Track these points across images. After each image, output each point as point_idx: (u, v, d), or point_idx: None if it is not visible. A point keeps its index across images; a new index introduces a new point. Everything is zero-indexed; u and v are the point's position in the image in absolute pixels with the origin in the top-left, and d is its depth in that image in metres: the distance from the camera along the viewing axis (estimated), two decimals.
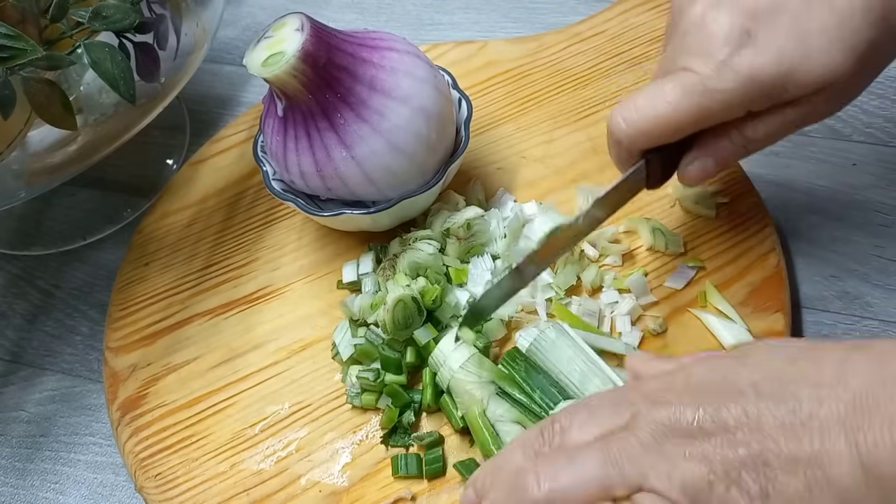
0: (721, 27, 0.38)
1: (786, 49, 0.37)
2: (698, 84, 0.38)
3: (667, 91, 0.39)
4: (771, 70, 0.37)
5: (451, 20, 0.71)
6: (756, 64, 0.37)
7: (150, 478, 0.48)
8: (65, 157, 0.54)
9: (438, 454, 0.45)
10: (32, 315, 0.59)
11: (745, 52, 0.37)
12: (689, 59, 0.39)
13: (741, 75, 0.37)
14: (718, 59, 0.38)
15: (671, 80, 0.39)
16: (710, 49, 0.38)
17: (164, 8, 0.53)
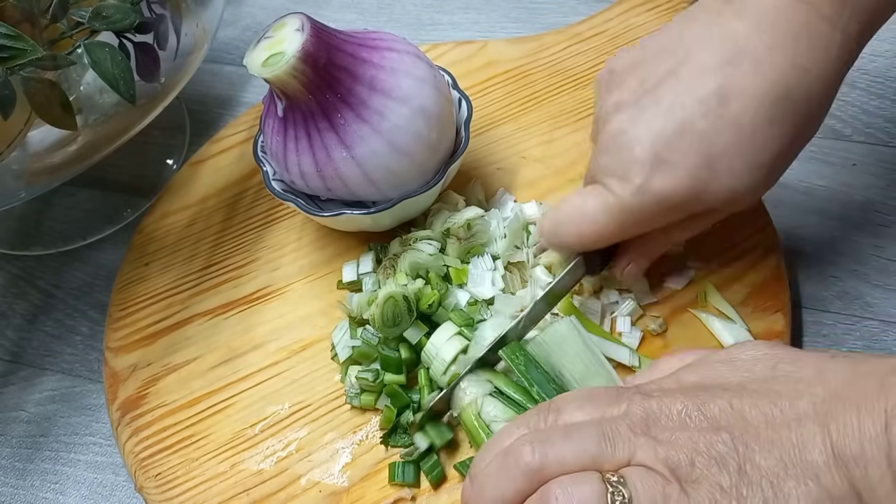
0: (633, 151, 0.39)
1: (695, 170, 0.39)
2: (618, 205, 0.41)
3: (589, 208, 0.42)
4: (682, 192, 0.39)
5: (451, 20, 0.71)
6: (668, 187, 0.39)
7: (150, 478, 0.48)
8: (65, 158, 0.54)
9: (435, 460, 0.45)
10: (32, 315, 0.59)
11: (658, 176, 0.39)
12: (608, 178, 0.41)
13: (656, 198, 0.40)
14: (634, 184, 0.40)
15: (592, 196, 0.42)
16: (626, 171, 0.40)
17: (164, 8, 0.53)
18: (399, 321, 0.47)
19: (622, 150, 0.40)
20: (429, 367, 0.47)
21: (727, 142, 0.38)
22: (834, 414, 0.30)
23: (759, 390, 0.33)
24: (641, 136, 0.39)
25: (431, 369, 0.46)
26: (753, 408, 0.32)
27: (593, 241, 0.43)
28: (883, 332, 0.49)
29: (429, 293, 0.48)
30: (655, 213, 0.40)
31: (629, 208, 0.40)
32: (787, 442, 0.30)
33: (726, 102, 0.38)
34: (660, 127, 0.39)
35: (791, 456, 0.30)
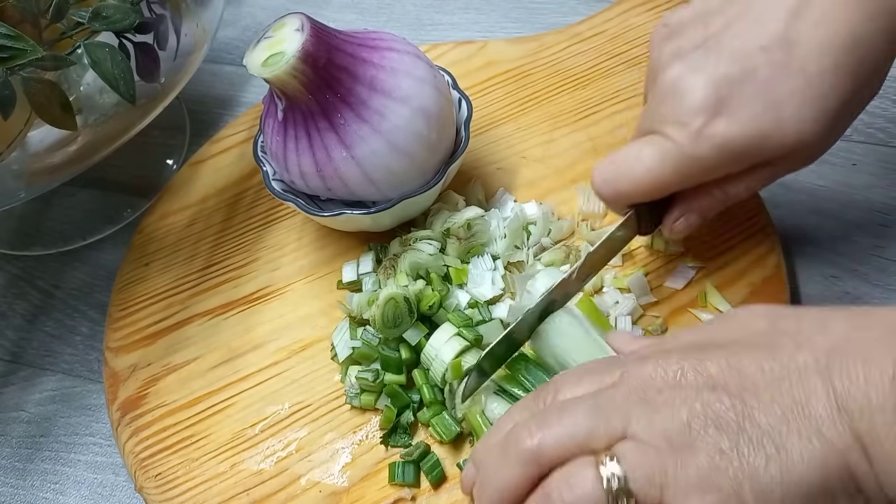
0: (695, 95, 0.39)
1: (758, 116, 0.38)
2: (675, 151, 0.39)
3: (644, 157, 0.40)
4: (744, 138, 0.38)
5: (451, 20, 0.71)
6: (730, 133, 0.38)
7: (150, 478, 0.48)
8: (65, 158, 0.54)
9: (435, 460, 0.45)
10: (32, 315, 0.59)
11: (719, 121, 0.38)
12: (666, 125, 0.40)
13: (716, 144, 0.38)
14: (693, 128, 0.39)
15: (649, 144, 0.41)
16: (685, 117, 0.39)
17: (164, 8, 0.53)
18: (400, 322, 0.47)
19: (683, 97, 0.39)
20: (428, 368, 0.47)
21: (792, 88, 0.37)
22: (837, 365, 0.29)
23: (757, 344, 0.32)
24: (703, 81, 0.38)
25: (431, 371, 0.46)
26: (752, 363, 0.31)
27: (649, 189, 0.41)
28: None
29: (430, 294, 0.48)
30: (715, 161, 0.39)
31: (688, 154, 0.39)
32: (788, 396, 0.30)
33: (792, 49, 0.37)
34: (723, 72, 0.38)
35: (793, 410, 0.29)
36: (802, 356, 0.30)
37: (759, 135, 0.38)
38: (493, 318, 0.48)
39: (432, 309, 0.48)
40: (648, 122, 0.41)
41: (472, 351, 0.46)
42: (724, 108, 0.38)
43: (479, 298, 0.49)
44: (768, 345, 0.32)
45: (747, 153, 0.39)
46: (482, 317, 0.48)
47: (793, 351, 0.31)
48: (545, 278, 0.47)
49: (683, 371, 0.32)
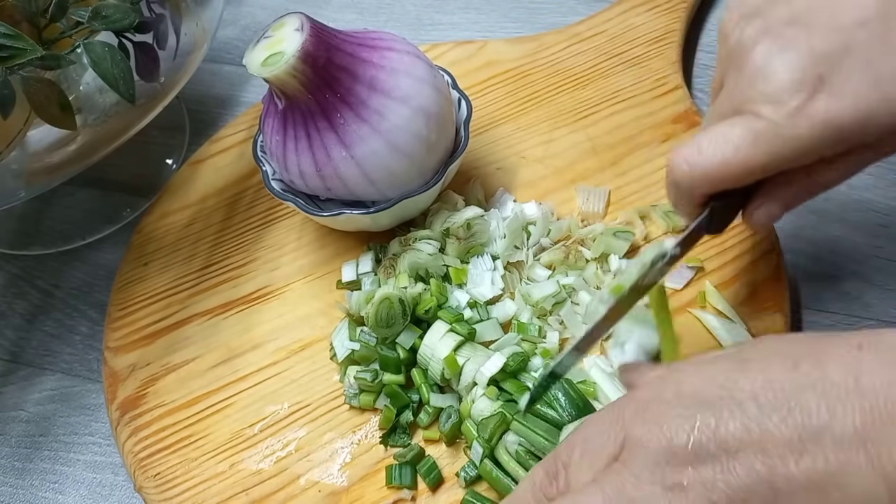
0: (791, 72, 0.35)
1: (862, 94, 0.35)
2: (770, 131, 0.36)
3: (735, 136, 0.37)
4: (848, 116, 0.35)
5: (451, 20, 0.71)
6: (832, 111, 0.35)
7: (150, 477, 0.48)
8: (64, 157, 0.54)
9: (431, 462, 0.45)
10: (32, 315, 0.59)
11: (820, 99, 0.35)
12: (758, 104, 0.36)
13: (817, 123, 0.35)
14: (792, 106, 0.35)
15: (739, 124, 0.37)
16: (781, 95, 0.36)
17: (164, 8, 0.53)
18: (392, 323, 0.47)
19: (777, 74, 0.36)
20: (426, 367, 0.47)
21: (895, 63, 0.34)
22: (881, 437, 0.26)
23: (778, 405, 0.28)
24: (800, 56, 0.35)
25: (430, 370, 0.46)
26: (776, 432, 0.27)
27: (740, 172, 0.37)
28: None
29: (427, 299, 0.48)
30: (814, 142, 0.36)
31: (785, 134, 0.36)
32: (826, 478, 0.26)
33: (891, 23, 0.34)
34: (820, 47, 0.35)
35: (832, 498, 0.26)
36: (839, 424, 0.26)
37: (863, 113, 0.35)
38: (491, 318, 0.48)
39: (428, 313, 0.48)
40: (734, 104, 0.38)
41: (467, 345, 0.46)
42: (825, 85, 0.35)
43: (479, 298, 0.49)
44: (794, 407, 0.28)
45: (850, 133, 0.35)
46: (480, 317, 0.48)
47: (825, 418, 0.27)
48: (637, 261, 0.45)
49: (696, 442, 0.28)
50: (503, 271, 0.51)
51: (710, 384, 0.30)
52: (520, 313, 0.49)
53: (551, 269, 0.51)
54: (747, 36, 0.38)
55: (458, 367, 0.45)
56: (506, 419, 0.43)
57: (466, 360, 0.45)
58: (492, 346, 0.47)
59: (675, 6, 0.64)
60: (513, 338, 0.48)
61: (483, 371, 0.45)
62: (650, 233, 0.52)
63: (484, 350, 0.46)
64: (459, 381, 0.46)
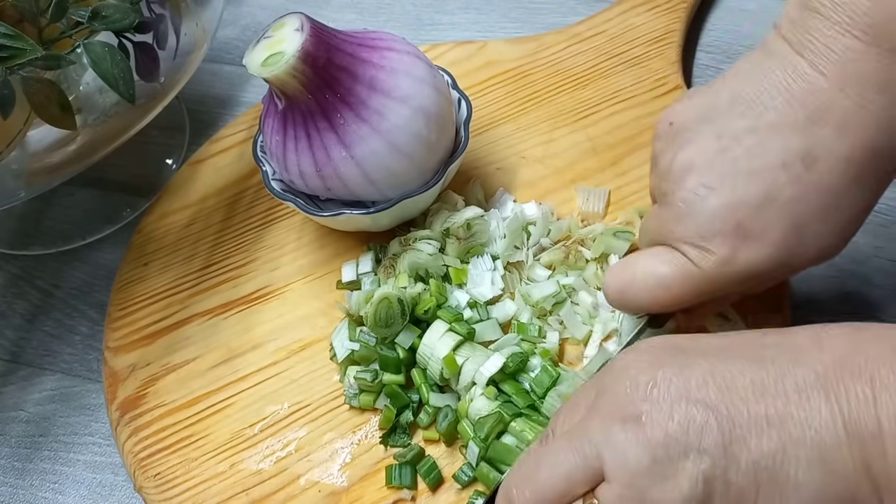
0: (715, 221, 0.37)
1: (782, 241, 0.36)
2: (696, 275, 0.38)
3: (662, 275, 0.39)
4: (768, 264, 0.37)
5: (451, 20, 0.71)
6: (753, 261, 0.37)
7: (150, 478, 0.48)
8: (64, 157, 0.54)
9: (431, 462, 0.45)
10: (32, 315, 0.59)
11: (743, 249, 0.37)
12: (684, 246, 0.38)
13: (740, 270, 0.37)
14: (718, 256, 0.37)
15: (667, 262, 0.39)
16: (706, 243, 0.37)
17: (164, 8, 0.53)
18: (391, 323, 0.47)
19: (701, 219, 0.37)
20: (425, 367, 0.47)
21: (814, 207, 0.36)
22: (842, 384, 0.27)
23: (747, 356, 0.30)
24: (723, 205, 0.37)
25: (429, 369, 0.46)
26: (741, 375, 0.29)
27: (667, 307, 0.40)
28: None
29: (426, 299, 0.48)
30: (735, 284, 0.38)
31: (710, 279, 0.38)
32: (786, 417, 0.28)
33: (812, 166, 0.36)
34: (742, 195, 0.36)
35: (791, 435, 0.27)
36: (801, 372, 0.28)
37: (784, 257, 0.37)
38: (491, 318, 0.48)
39: (427, 314, 0.48)
40: (662, 234, 0.40)
41: (466, 345, 0.46)
42: (748, 234, 0.37)
43: (479, 298, 0.49)
44: (760, 358, 0.30)
45: (769, 274, 0.38)
46: (480, 317, 0.48)
47: (789, 366, 0.29)
48: None
49: (659, 382, 0.30)
50: (503, 271, 0.51)
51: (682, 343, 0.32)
52: (520, 313, 0.49)
53: (551, 269, 0.51)
54: (676, 167, 0.39)
55: (457, 367, 0.45)
56: (503, 419, 0.43)
57: (465, 360, 0.46)
58: (491, 346, 0.47)
59: (675, 6, 0.64)
60: (512, 338, 0.48)
61: (482, 371, 0.45)
62: None
63: (483, 350, 0.46)
64: (458, 381, 0.46)
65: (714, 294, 0.39)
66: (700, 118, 0.39)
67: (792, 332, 0.31)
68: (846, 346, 0.29)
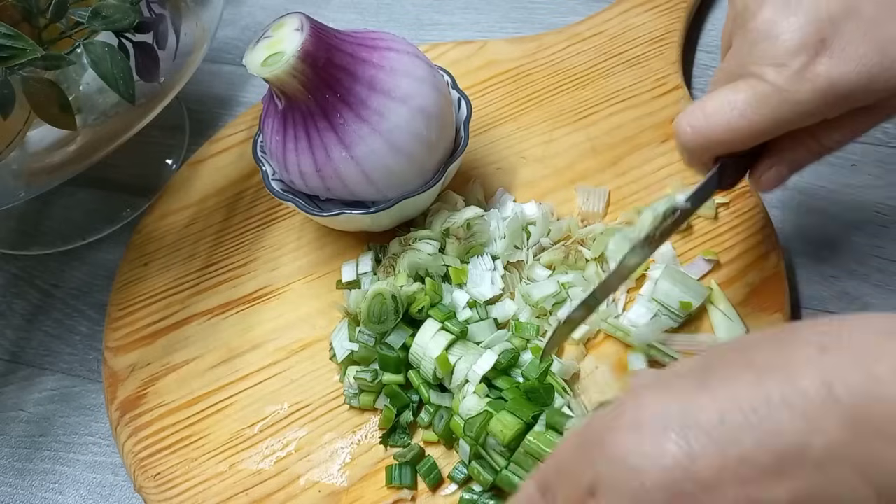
0: (794, 34, 0.36)
1: (864, 56, 0.35)
2: (773, 94, 0.36)
3: (739, 100, 0.37)
4: (849, 79, 0.35)
5: (451, 20, 0.71)
6: (834, 73, 0.35)
7: (150, 478, 0.48)
8: (64, 157, 0.54)
9: (432, 462, 0.45)
10: (32, 315, 0.59)
11: (822, 61, 0.36)
12: (761, 67, 0.37)
13: (818, 85, 0.36)
14: (794, 69, 0.36)
15: (743, 88, 0.37)
16: (784, 57, 0.36)
17: (164, 8, 0.53)
18: (384, 319, 0.47)
19: (780, 37, 0.36)
20: (418, 367, 0.47)
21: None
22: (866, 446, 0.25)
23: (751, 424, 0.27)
24: (803, 19, 0.36)
25: (422, 369, 0.46)
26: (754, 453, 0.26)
27: (744, 137, 0.38)
28: None
29: (421, 298, 0.48)
30: (817, 104, 0.36)
31: (788, 97, 0.36)
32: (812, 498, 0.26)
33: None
34: (824, 10, 0.36)
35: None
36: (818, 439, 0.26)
37: (864, 75, 0.35)
38: (488, 318, 0.48)
39: (422, 312, 0.48)
40: (738, 66, 0.38)
41: (459, 344, 0.46)
42: (827, 48, 0.35)
43: (479, 298, 0.49)
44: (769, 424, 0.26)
45: (852, 95, 0.36)
46: (479, 317, 0.48)
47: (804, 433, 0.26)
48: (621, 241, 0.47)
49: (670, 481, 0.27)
50: (503, 271, 0.51)
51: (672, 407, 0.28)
52: (519, 313, 0.49)
53: (551, 269, 0.51)
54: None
55: (450, 366, 0.45)
56: (492, 418, 0.43)
57: (458, 359, 0.46)
58: (483, 343, 0.47)
59: (675, 6, 0.64)
60: (503, 335, 0.48)
61: (475, 369, 0.45)
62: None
63: (475, 348, 0.46)
64: (452, 380, 0.46)
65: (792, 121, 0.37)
66: None
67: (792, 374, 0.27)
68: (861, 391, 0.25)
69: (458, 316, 0.48)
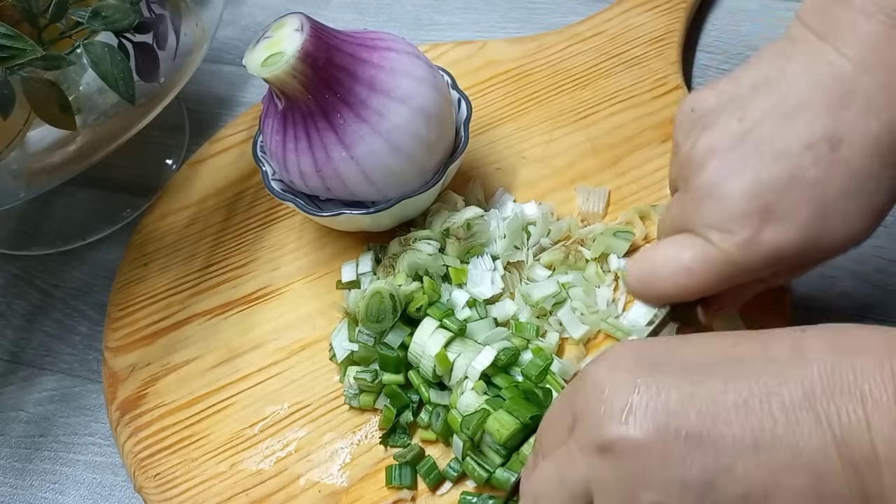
0: (739, 202, 0.36)
1: (807, 222, 0.36)
2: (719, 258, 0.37)
3: (685, 261, 0.38)
4: (794, 245, 0.36)
5: (451, 20, 0.71)
6: (779, 242, 0.36)
7: (150, 478, 0.48)
8: (64, 157, 0.54)
9: (432, 463, 0.45)
10: (32, 315, 0.59)
11: (768, 231, 0.36)
12: (707, 230, 0.37)
13: (765, 253, 0.36)
14: (741, 238, 0.36)
15: (689, 246, 0.38)
16: (730, 225, 0.37)
17: (164, 8, 0.53)
18: (382, 318, 0.47)
19: (724, 201, 0.37)
20: (417, 366, 0.47)
21: (840, 189, 0.35)
22: (832, 404, 0.26)
23: (729, 372, 0.28)
24: (747, 185, 0.36)
25: (421, 367, 0.46)
26: (723, 395, 0.28)
27: (691, 294, 0.39)
28: None
29: (419, 297, 0.48)
30: (761, 267, 0.37)
31: (734, 263, 0.37)
32: (775, 442, 0.27)
33: (838, 147, 0.35)
34: (767, 176, 0.36)
35: (781, 461, 0.26)
36: (787, 389, 0.27)
37: (810, 240, 0.36)
38: (487, 316, 0.48)
39: (419, 312, 0.48)
40: (684, 220, 0.39)
41: (458, 341, 0.46)
42: (772, 215, 0.36)
43: (479, 298, 0.49)
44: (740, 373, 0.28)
45: (796, 258, 0.37)
46: (479, 315, 0.48)
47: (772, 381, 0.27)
48: None
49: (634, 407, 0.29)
50: (503, 271, 0.51)
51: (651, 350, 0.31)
52: (519, 313, 0.49)
53: (551, 269, 0.51)
54: (698, 151, 0.38)
55: (449, 364, 0.45)
56: (489, 415, 0.43)
57: (457, 356, 0.46)
58: (482, 339, 0.47)
59: (675, 6, 0.64)
60: (502, 332, 0.48)
61: (475, 365, 0.45)
62: (650, 233, 0.52)
63: (475, 345, 0.46)
64: (451, 378, 0.46)
65: (739, 280, 0.38)
66: (722, 103, 0.38)
67: (770, 339, 0.30)
68: (831, 357, 0.28)
69: (458, 315, 0.48)
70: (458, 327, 0.46)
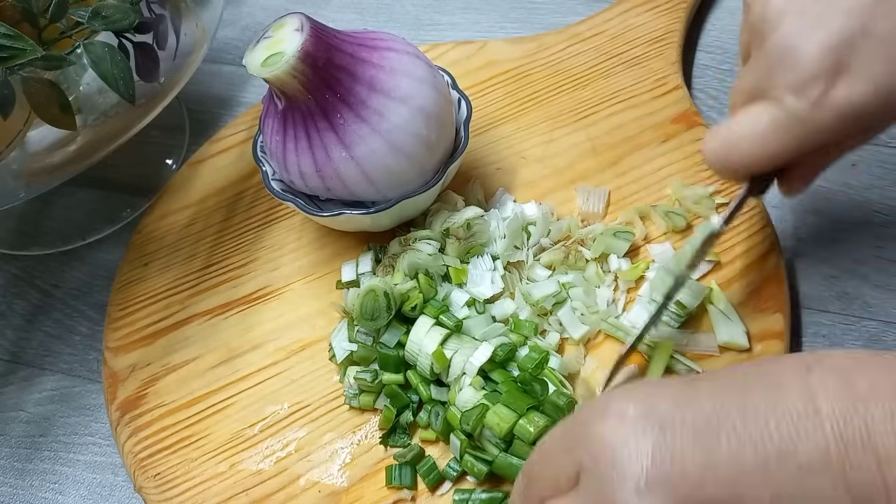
0: (812, 57, 0.36)
1: (881, 76, 0.35)
2: (795, 122, 0.37)
3: (762, 128, 0.38)
4: (869, 101, 0.35)
5: (451, 20, 0.71)
6: (853, 97, 0.35)
7: (150, 478, 0.48)
8: (64, 157, 0.54)
9: (431, 463, 0.45)
10: (32, 315, 0.59)
11: (841, 86, 0.35)
12: (782, 91, 0.37)
13: (839, 111, 0.36)
14: (814, 95, 0.36)
15: (763, 114, 0.38)
16: (804, 82, 0.36)
17: (164, 8, 0.53)
18: (377, 316, 0.47)
19: (798, 60, 0.36)
20: (414, 364, 0.47)
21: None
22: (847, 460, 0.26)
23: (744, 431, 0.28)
24: (819, 41, 0.35)
25: (418, 365, 0.46)
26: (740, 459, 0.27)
27: (769, 161, 0.38)
28: (882, 332, 0.49)
29: (414, 296, 0.48)
30: (837, 127, 0.36)
31: (810, 124, 0.36)
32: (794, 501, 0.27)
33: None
34: (839, 30, 0.35)
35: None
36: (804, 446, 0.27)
37: (883, 96, 0.35)
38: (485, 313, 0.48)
39: (414, 311, 0.48)
40: (757, 85, 0.38)
41: (454, 338, 0.46)
42: (845, 70, 0.35)
43: (479, 298, 0.49)
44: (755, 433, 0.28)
45: (872, 115, 0.36)
46: (478, 313, 0.48)
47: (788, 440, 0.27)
48: None
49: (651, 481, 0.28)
50: (503, 271, 0.51)
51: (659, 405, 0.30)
52: (519, 312, 0.49)
53: (551, 269, 0.51)
54: (771, 10, 0.38)
55: (446, 361, 0.45)
56: (488, 410, 0.43)
57: (454, 353, 0.46)
58: (479, 335, 0.47)
59: (675, 6, 0.64)
60: (499, 328, 0.48)
61: (472, 360, 0.45)
62: (650, 233, 0.52)
63: (471, 341, 0.46)
64: (449, 374, 0.46)
65: (816, 142, 0.37)
66: None
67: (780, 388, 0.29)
68: (841, 407, 0.27)
69: (457, 315, 0.48)
70: (453, 324, 0.46)
